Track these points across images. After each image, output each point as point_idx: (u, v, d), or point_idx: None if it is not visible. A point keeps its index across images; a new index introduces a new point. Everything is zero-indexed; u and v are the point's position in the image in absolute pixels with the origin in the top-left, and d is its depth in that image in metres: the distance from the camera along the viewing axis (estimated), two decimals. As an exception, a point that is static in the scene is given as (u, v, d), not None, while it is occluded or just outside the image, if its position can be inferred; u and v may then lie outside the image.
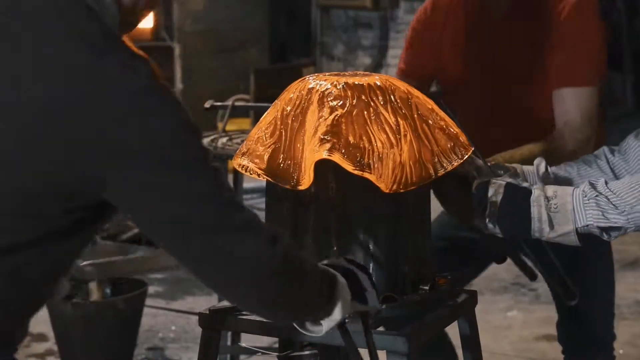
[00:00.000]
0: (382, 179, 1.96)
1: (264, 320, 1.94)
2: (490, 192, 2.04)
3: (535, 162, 2.27)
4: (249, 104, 6.97)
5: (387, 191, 1.98)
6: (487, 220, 2.05)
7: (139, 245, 6.32)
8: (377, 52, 10.73)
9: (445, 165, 2.03)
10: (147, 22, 9.94)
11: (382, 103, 2.02)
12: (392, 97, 2.04)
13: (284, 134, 2.03)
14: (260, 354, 2.80)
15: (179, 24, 9.87)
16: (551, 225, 2.00)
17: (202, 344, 2.11)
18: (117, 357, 4.33)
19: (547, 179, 2.23)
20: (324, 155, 1.95)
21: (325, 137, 1.96)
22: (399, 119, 2.01)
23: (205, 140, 3.94)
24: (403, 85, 2.09)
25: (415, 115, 2.05)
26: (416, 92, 2.10)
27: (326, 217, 2.01)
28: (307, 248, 2.02)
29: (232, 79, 10.10)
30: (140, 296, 4.36)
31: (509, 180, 2.05)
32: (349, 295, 1.85)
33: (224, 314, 2.09)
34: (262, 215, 2.00)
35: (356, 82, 2.04)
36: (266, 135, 2.05)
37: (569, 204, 1.99)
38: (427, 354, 2.51)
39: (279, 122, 2.05)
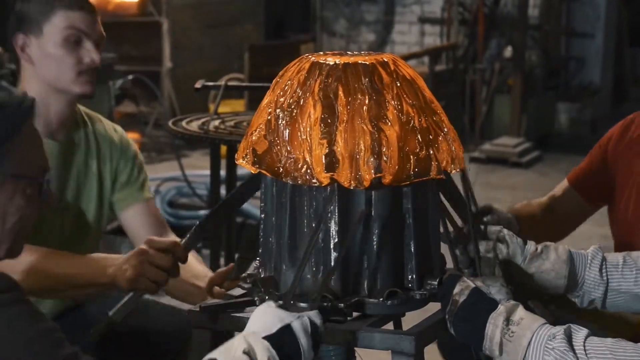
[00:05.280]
0: (386, 174, 1.97)
1: None
2: (456, 290, 2.03)
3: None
4: (243, 84, 6.98)
5: (391, 184, 1.99)
6: (446, 315, 2.05)
7: (124, 238, 6.32)
8: (381, 27, 10.72)
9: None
10: (133, -5, 9.93)
11: (386, 88, 2.02)
12: (397, 80, 2.04)
13: (281, 128, 2.02)
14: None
15: (167, -4, 9.85)
16: (501, 351, 1.97)
17: (193, 344, 2.12)
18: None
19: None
20: (326, 174, 1.97)
21: (329, 153, 1.98)
22: (403, 105, 2.01)
23: (197, 123, 3.95)
24: (408, 68, 2.09)
25: (421, 98, 2.05)
26: (421, 79, 2.10)
27: (327, 209, 2.02)
28: (304, 239, 2.03)
29: (224, 57, 10.09)
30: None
31: (480, 284, 2.03)
32: None
33: (215, 312, 2.09)
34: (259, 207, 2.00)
35: (359, 62, 2.04)
36: (262, 128, 2.05)
37: (526, 339, 1.94)
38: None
39: (273, 114, 2.04)
